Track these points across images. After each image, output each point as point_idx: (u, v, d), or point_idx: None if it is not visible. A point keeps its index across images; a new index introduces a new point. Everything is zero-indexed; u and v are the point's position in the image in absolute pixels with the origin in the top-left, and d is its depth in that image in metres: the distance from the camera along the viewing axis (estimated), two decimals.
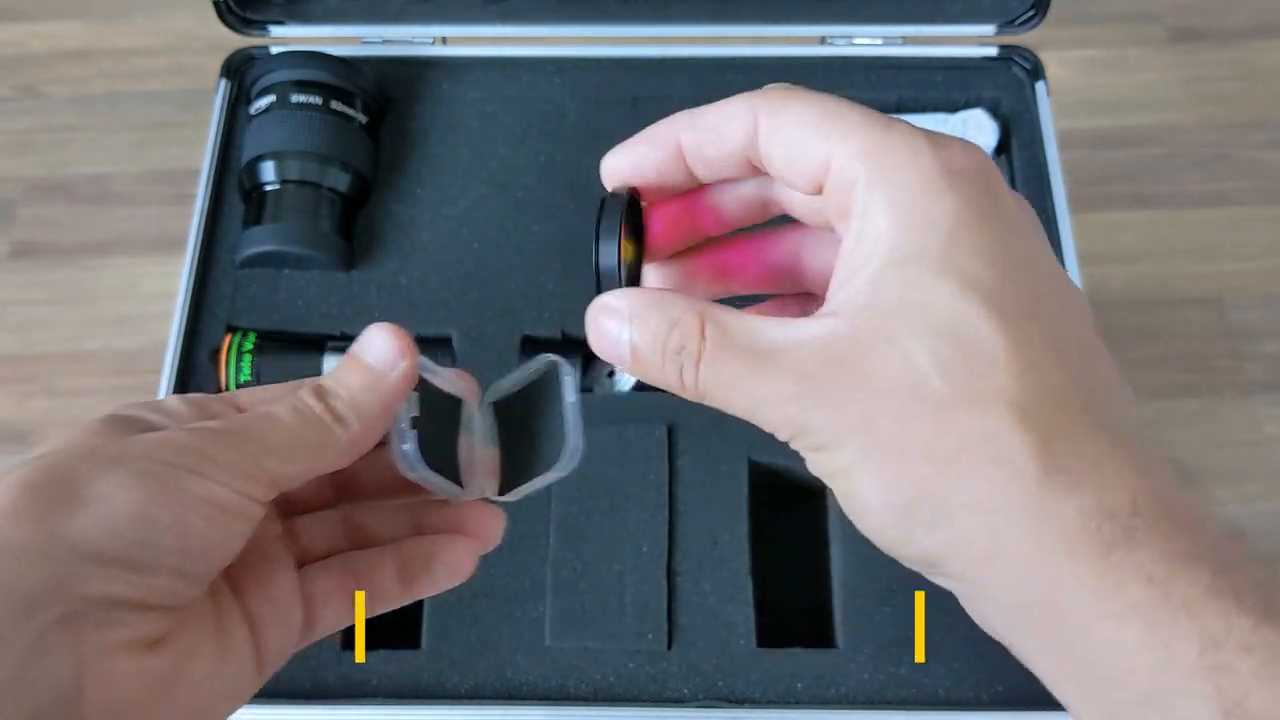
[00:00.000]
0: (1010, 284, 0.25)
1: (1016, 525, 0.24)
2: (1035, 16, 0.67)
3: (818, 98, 0.29)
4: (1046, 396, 0.24)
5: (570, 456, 0.34)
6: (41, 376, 1.02)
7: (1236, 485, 0.97)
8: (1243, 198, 1.10)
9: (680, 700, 0.53)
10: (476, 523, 0.35)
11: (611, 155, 0.31)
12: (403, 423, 0.32)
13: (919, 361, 0.25)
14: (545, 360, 0.35)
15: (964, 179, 0.26)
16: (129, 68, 1.18)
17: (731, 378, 0.28)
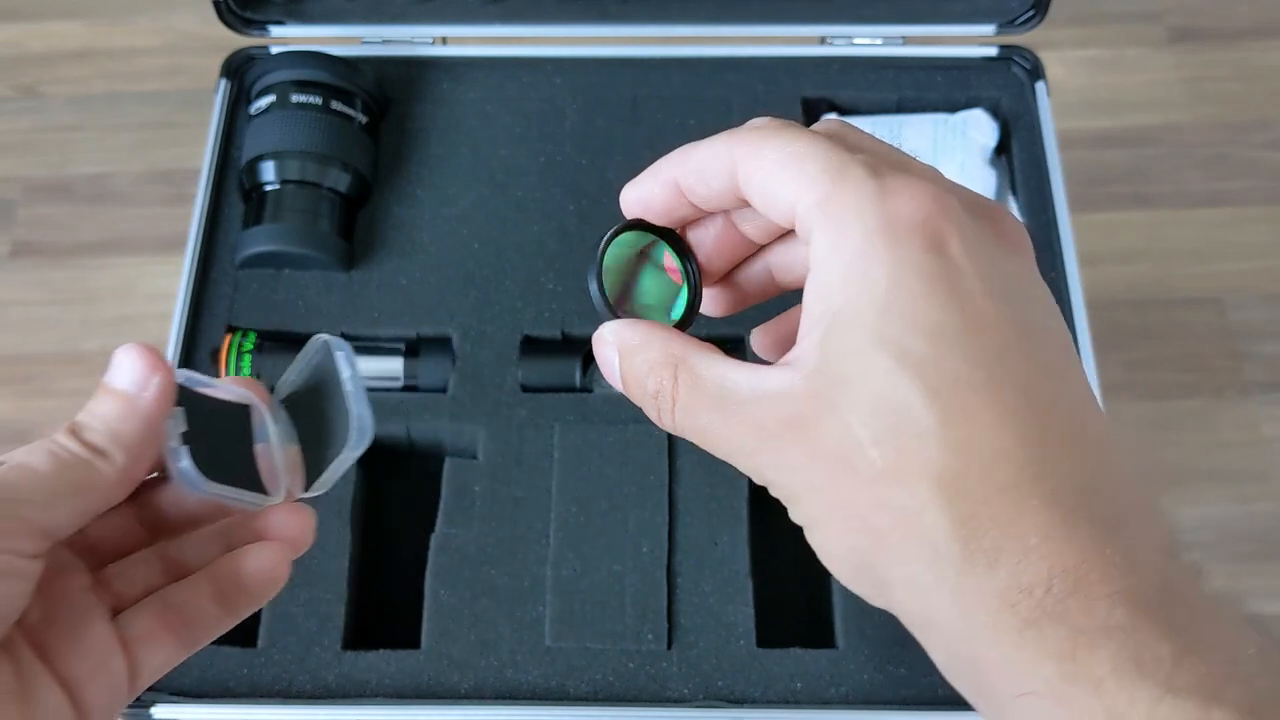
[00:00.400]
0: (945, 353, 0.25)
1: (943, 603, 0.24)
2: (1035, 16, 0.67)
3: (788, 139, 0.28)
4: (975, 472, 0.24)
5: (359, 433, 0.33)
6: (41, 376, 1.02)
7: (1235, 485, 0.97)
8: (1243, 198, 1.10)
9: (680, 700, 0.53)
10: (279, 525, 0.34)
11: (627, 189, 0.31)
12: (172, 441, 0.31)
13: (857, 433, 0.25)
14: (317, 342, 0.34)
15: (906, 234, 0.25)
16: (129, 68, 1.18)
17: (703, 426, 0.28)
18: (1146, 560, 0.24)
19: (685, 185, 0.30)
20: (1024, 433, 0.24)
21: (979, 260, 0.26)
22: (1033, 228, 0.64)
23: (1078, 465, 0.25)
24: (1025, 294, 0.27)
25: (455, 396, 0.60)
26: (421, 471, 0.60)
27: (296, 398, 0.35)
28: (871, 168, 0.27)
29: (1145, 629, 0.22)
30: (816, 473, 0.26)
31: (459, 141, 0.67)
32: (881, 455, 0.25)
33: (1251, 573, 0.94)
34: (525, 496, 0.57)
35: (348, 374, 0.33)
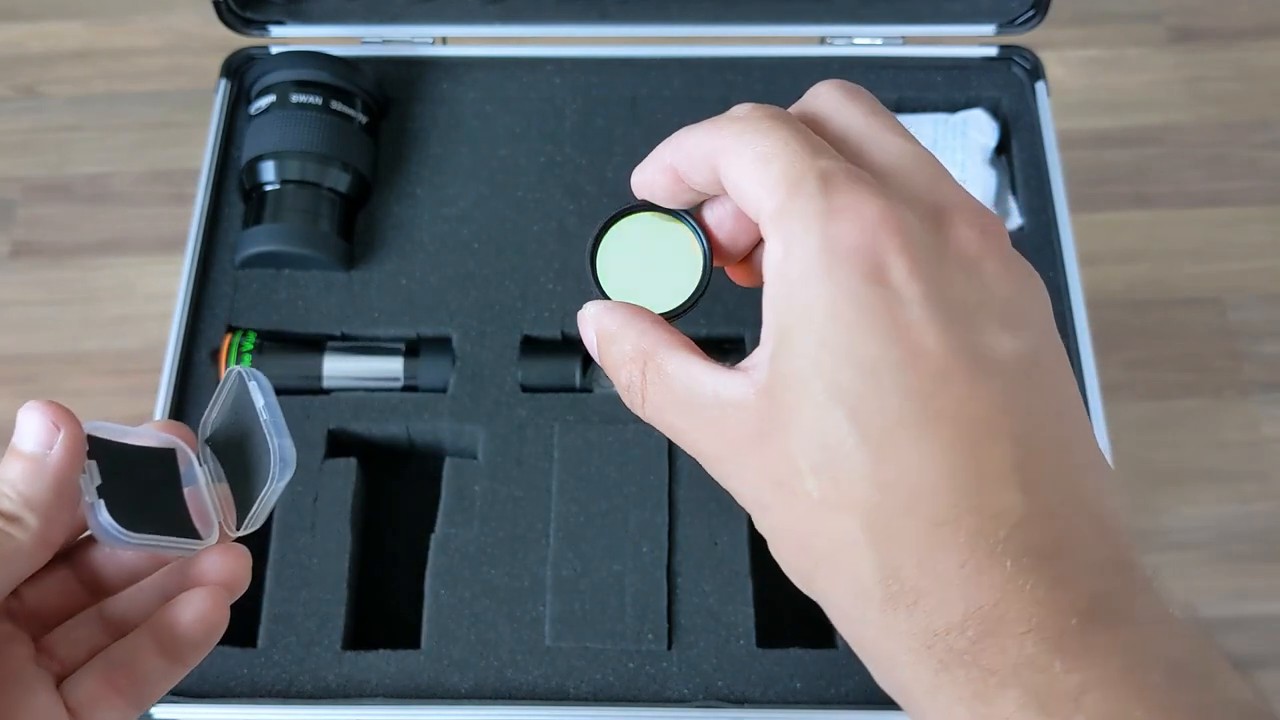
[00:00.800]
0: (880, 389, 0.24)
1: (870, 636, 0.25)
2: (1035, 16, 0.67)
3: (759, 137, 0.27)
4: (901, 511, 0.24)
5: (282, 464, 0.32)
6: (41, 376, 1.02)
7: (1235, 485, 0.97)
8: (1243, 198, 1.10)
9: (680, 700, 0.53)
10: (212, 569, 0.33)
11: (635, 173, 0.31)
12: (87, 496, 0.31)
13: (797, 460, 0.25)
14: (232, 374, 0.34)
15: (845, 260, 0.25)
16: (129, 68, 1.18)
17: (670, 424, 0.28)
18: (1077, 586, 0.23)
19: (680, 171, 0.30)
20: (954, 468, 0.24)
21: (925, 283, 0.25)
22: (1032, 228, 0.64)
23: (1013, 498, 0.24)
24: (977, 310, 0.25)
25: (455, 396, 0.60)
26: (421, 471, 0.60)
27: (220, 435, 0.35)
28: (824, 181, 0.26)
29: (1057, 663, 0.22)
30: (766, 491, 0.26)
31: (459, 141, 0.67)
32: (817, 486, 0.25)
33: (1251, 573, 0.94)
34: (525, 496, 0.57)
35: (261, 404, 0.33)
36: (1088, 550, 0.24)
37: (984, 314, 0.25)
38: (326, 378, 0.60)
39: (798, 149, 0.26)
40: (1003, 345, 0.25)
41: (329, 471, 0.58)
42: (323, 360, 0.60)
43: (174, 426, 0.35)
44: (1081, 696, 0.22)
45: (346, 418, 0.59)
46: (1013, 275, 0.26)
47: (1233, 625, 0.92)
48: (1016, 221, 0.66)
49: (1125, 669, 0.22)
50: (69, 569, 0.33)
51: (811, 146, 0.27)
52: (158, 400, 0.59)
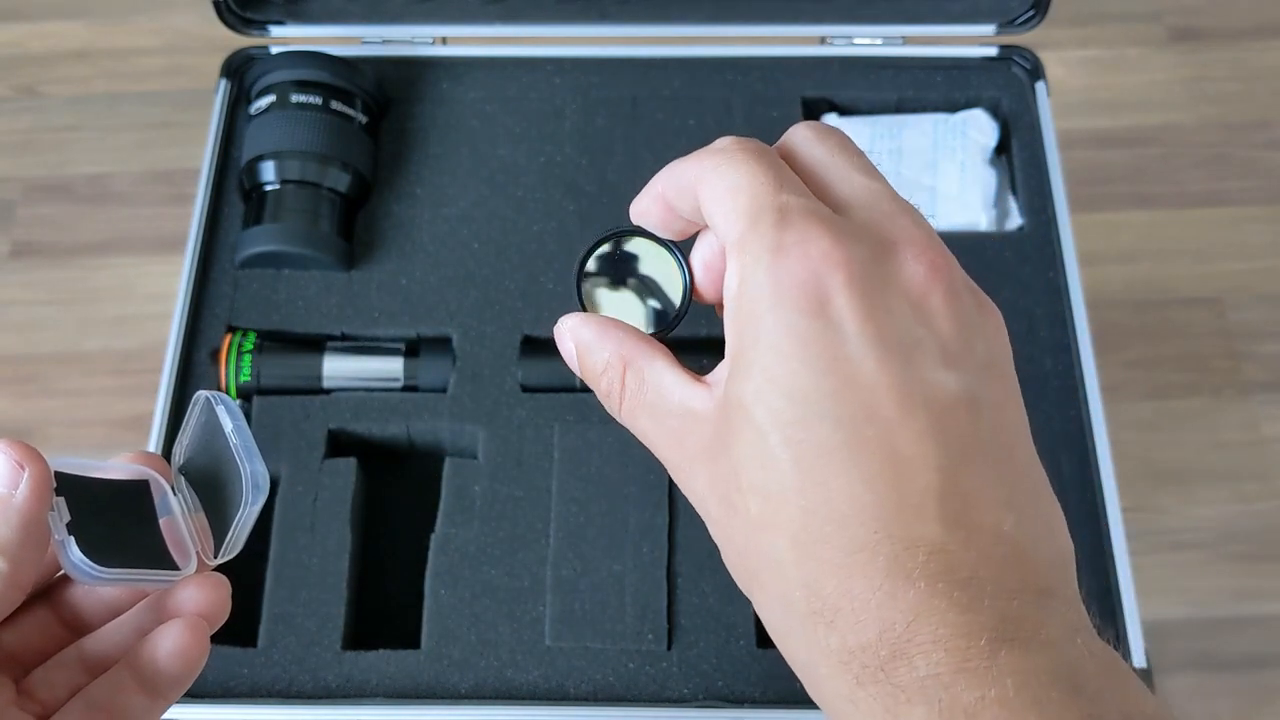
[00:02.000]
0: (812, 418, 0.25)
1: (797, 649, 0.26)
2: (1035, 16, 0.67)
3: (732, 169, 0.28)
4: (826, 534, 0.25)
5: (255, 489, 0.32)
6: (41, 376, 1.02)
7: (1234, 485, 0.97)
8: (1243, 198, 1.10)
9: (680, 700, 0.53)
10: (189, 600, 0.32)
11: (633, 203, 0.32)
12: (57, 534, 0.30)
13: (740, 479, 0.27)
14: (200, 399, 0.34)
15: (787, 295, 0.26)
16: (129, 68, 1.18)
17: (642, 429, 0.30)
18: (987, 610, 0.24)
19: (670, 201, 0.31)
20: (878, 496, 0.25)
21: (865, 315, 0.26)
22: (1032, 228, 0.64)
23: (931, 526, 0.25)
24: (911, 350, 0.26)
25: (455, 396, 0.60)
26: (421, 471, 0.60)
27: (193, 462, 0.35)
28: (780, 215, 0.27)
29: (960, 681, 0.23)
30: (716, 504, 0.28)
31: (459, 141, 0.67)
32: (755, 505, 0.26)
33: (1251, 573, 0.94)
34: (525, 496, 0.57)
35: (230, 427, 0.33)
36: (1002, 578, 0.25)
37: (923, 349, 0.26)
38: (326, 378, 0.60)
39: (764, 183, 0.28)
40: (938, 380, 0.26)
41: (329, 471, 0.58)
42: (323, 360, 0.60)
43: (146, 457, 0.34)
44: (979, 712, 0.23)
45: (346, 418, 0.59)
46: (959, 311, 0.27)
47: (1235, 625, 0.92)
48: (1016, 221, 0.66)
49: (1022, 686, 0.23)
50: (47, 608, 0.33)
51: (778, 181, 0.28)
52: (158, 400, 0.59)
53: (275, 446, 0.58)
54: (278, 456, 0.58)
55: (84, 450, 0.98)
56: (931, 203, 0.66)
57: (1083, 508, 0.57)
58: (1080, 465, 0.58)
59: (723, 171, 0.28)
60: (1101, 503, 0.57)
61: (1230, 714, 0.90)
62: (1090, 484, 0.58)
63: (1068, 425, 0.59)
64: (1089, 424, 0.59)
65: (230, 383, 0.59)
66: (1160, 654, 0.88)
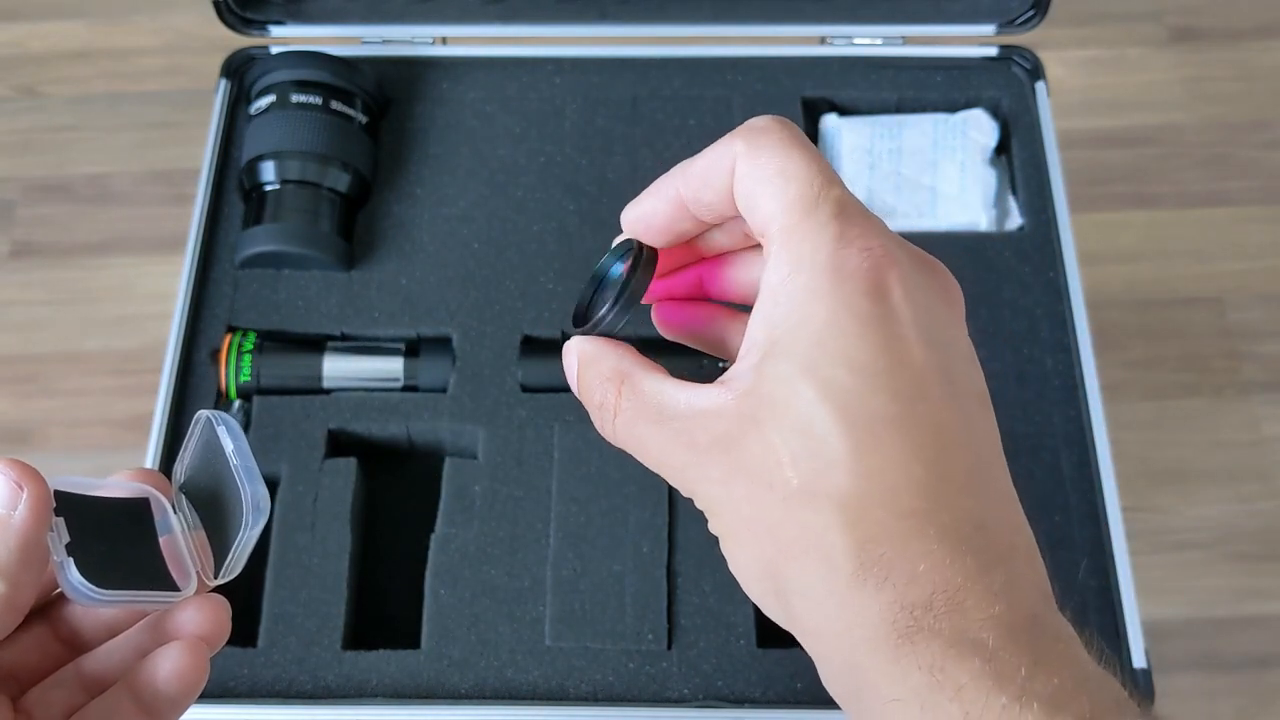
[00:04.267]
0: (869, 389, 0.27)
1: (832, 614, 0.27)
2: (1035, 16, 0.67)
3: (782, 151, 0.29)
4: (877, 499, 0.26)
5: (255, 511, 0.32)
6: (41, 376, 1.02)
7: (1235, 485, 0.97)
8: (1243, 198, 1.10)
9: (680, 700, 0.53)
10: (189, 621, 0.32)
11: (628, 209, 0.32)
12: (56, 555, 0.30)
13: (778, 453, 0.27)
14: (201, 418, 0.33)
15: (850, 280, 0.27)
16: (129, 68, 1.18)
17: (639, 438, 0.30)
18: (1021, 594, 0.26)
19: (688, 194, 0.31)
20: (928, 468, 0.26)
21: (916, 309, 0.28)
22: (1032, 228, 0.64)
23: (973, 503, 0.27)
24: (952, 344, 0.29)
25: (455, 396, 0.60)
26: (421, 471, 0.60)
27: (194, 481, 0.34)
28: (839, 209, 0.28)
29: (1009, 649, 0.25)
30: (737, 487, 0.28)
31: (459, 141, 0.67)
32: (797, 475, 0.27)
33: (1252, 573, 0.94)
34: (525, 496, 0.57)
35: (231, 448, 0.33)
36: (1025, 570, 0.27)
37: (955, 349, 0.29)
38: (326, 378, 0.60)
39: (817, 172, 0.28)
40: (969, 374, 0.29)
41: (329, 471, 0.58)
42: (323, 360, 0.60)
43: (147, 475, 0.34)
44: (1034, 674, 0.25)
45: (346, 418, 0.59)
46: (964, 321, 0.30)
47: (1237, 625, 0.92)
48: (1016, 221, 0.66)
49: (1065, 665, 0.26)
50: (46, 625, 0.32)
51: (828, 173, 0.29)
52: (158, 400, 0.59)
53: (275, 446, 0.58)
54: (278, 456, 0.58)
55: (84, 451, 0.98)
56: (931, 203, 0.66)
57: (1083, 508, 0.57)
58: (1080, 465, 0.58)
59: (772, 154, 0.29)
60: (1101, 503, 0.57)
61: (1232, 714, 0.90)
62: (1090, 484, 0.58)
63: (1068, 425, 0.59)
64: (1089, 424, 0.59)
65: (230, 383, 0.59)
66: (1161, 654, 0.88)
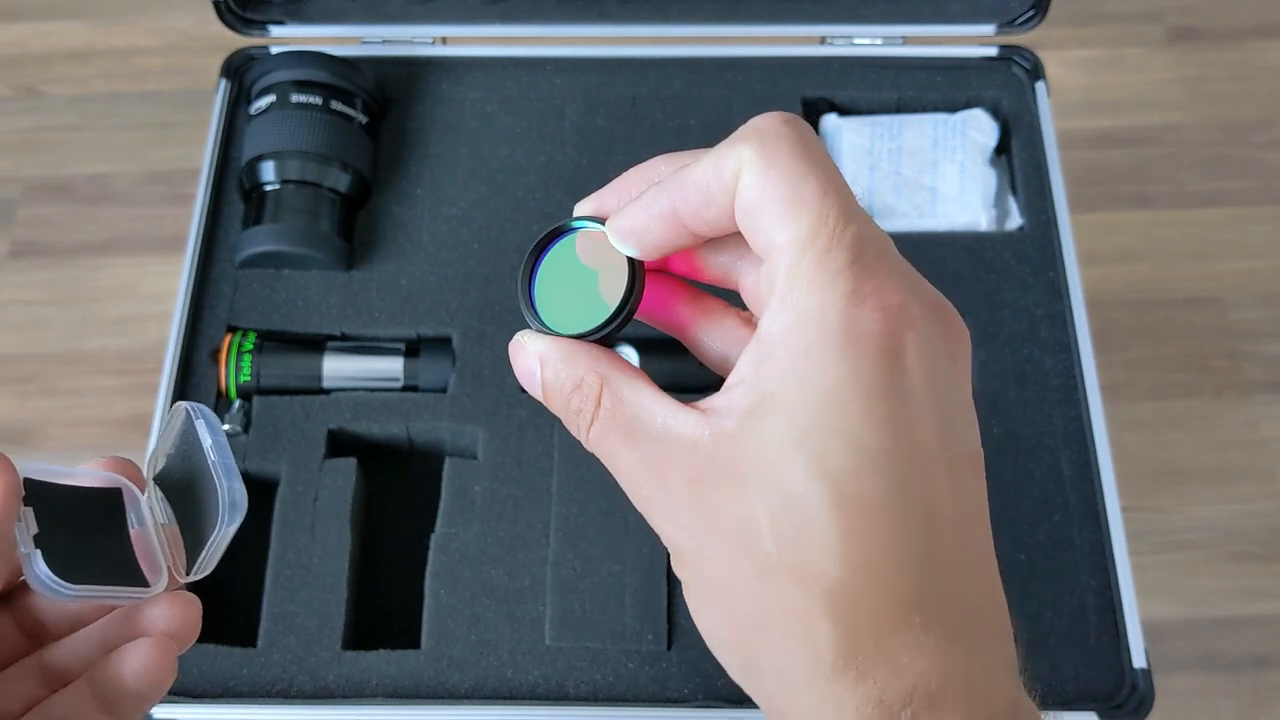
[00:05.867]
0: (866, 469, 0.25)
1: (806, 703, 0.25)
2: (1035, 16, 0.67)
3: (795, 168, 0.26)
4: (866, 586, 0.25)
5: (231, 508, 0.31)
6: (41, 376, 1.02)
7: (1235, 485, 0.97)
8: (1243, 198, 1.10)
9: (680, 700, 0.53)
10: (159, 618, 0.31)
11: (619, 220, 0.29)
12: (23, 546, 0.29)
13: (759, 520, 0.25)
14: (179, 410, 0.32)
15: (860, 345, 0.25)
16: (129, 68, 1.18)
17: (611, 451, 0.28)
18: (1002, 681, 0.25)
19: (687, 211, 0.27)
20: (920, 555, 0.25)
21: (926, 374, 0.26)
22: (1032, 228, 0.64)
23: (961, 586, 0.25)
24: (957, 408, 0.27)
25: (455, 396, 0.60)
26: (421, 471, 0.60)
27: (169, 473, 0.33)
28: (855, 254, 0.25)
29: None
30: (707, 541, 0.26)
31: (459, 141, 0.67)
32: (778, 550, 0.25)
33: (1252, 573, 0.94)
34: (525, 496, 0.57)
35: (209, 443, 0.31)
36: (1004, 647, 0.26)
37: (959, 412, 0.27)
38: (326, 378, 0.60)
39: (832, 203, 0.26)
40: (965, 439, 0.27)
41: (329, 471, 0.58)
42: (323, 360, 0.60)
43: (120, 464, 0.33)
44: None
45: (346, 418, 0.59)
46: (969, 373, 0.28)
47: (1238, 625, 0.92)
48: (1016, 221, 0.66)
49: None
50: (7, 614, 0.32)
51: (844, 204, 0.26)
52: (157, 400, 0.59)
53: (275, 446, 0.58)
54: (278, 456, 0.58)
55: (84, 451, 0.98)
56: (931, 203, 0.66)
57: (1082, 508, 0.57)
58: (1080, 465, 0.58)
59: (784, 172, 0.26)
60: (1101, 503, 0.57)
61: (1232, 714, 0.90)
62: (1090, 484, 0.58)
63: (1068, 425, 0.59)
64: (1089, 424, 0.59)
65: (230, 383, 0.59)
66: (1161, 654, 0.88)
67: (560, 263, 0.31)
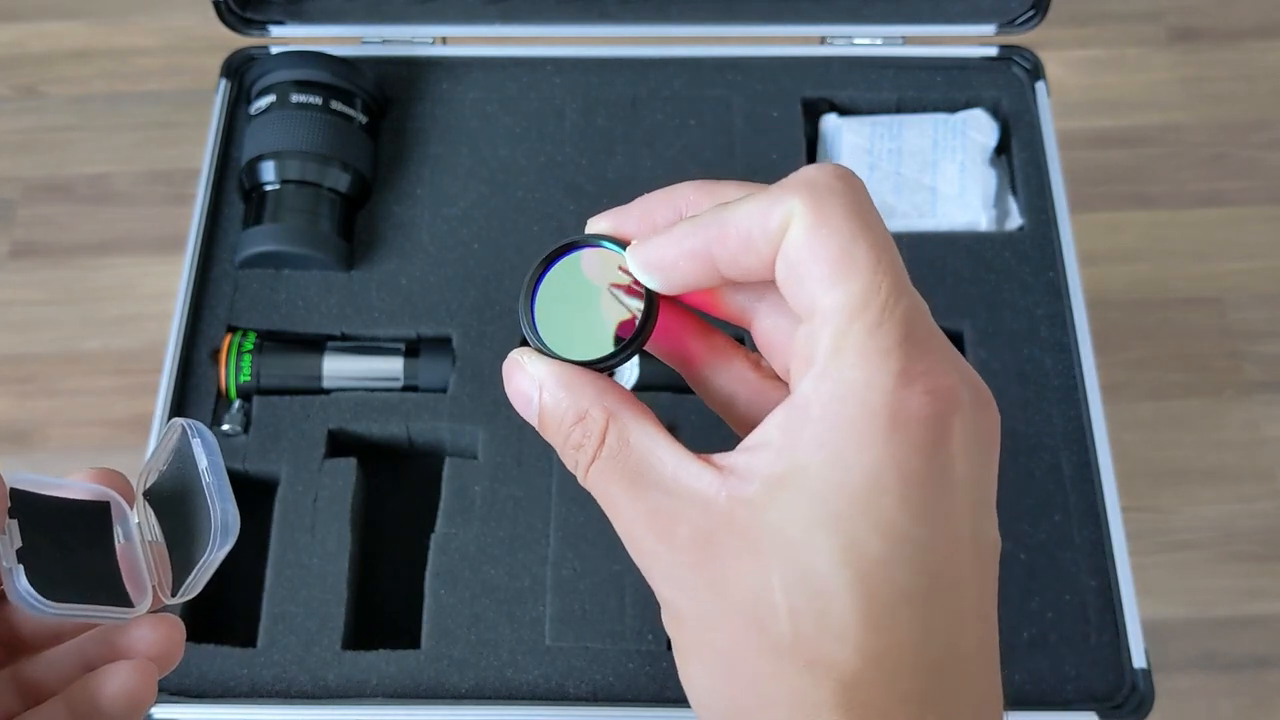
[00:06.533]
0: (897, 561, 0.24)
1: None
2: (1035, 16, 0.67)
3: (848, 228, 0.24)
4: (882, 680, 0.24)
5: (223, 531, 0.30)
6: (41, 376, 1.02)
7: (1235, 485, 0.97)
8: (1243, 198, 1.10)
9: (680, 700, 0.53)
10: (141, 641, 0.30)
11: (642, 249, 0.27)
12: (5, 560, 0.28)
13: (775, 596, 0.24)
14: (175, 426, 0.31)
15: (905, 430, 0.24)
16: (129, 68, 1.18)
17: (612, 496, 0.26)
18: None
19: (723, 256, 0.26)
20: (938, 650, 0.24)
21: (968, 464, 0.25)
22: (1032, 228, 0.64)
23: (972, 682, 0.25)
24: (987, 497, 0.26)
25: (455, 396, 0.60)
26: (421, 471, 0.60)
27: (160, 488, 0.32)
28: (906, 330, 0.24)
29: None
30: (715, 610, 0.25)
31: (459, 141, 0.67)
32: (793, 632, 0.24)
33: (1253, 572, 0.94)
34: (525, 496, 0.57)
35: (204, 464, 0.30)
36: None
37: (988, 498, 0.26)
38: (326, 378, 0.60)
39: (885, 272, 0.24)
40: (991, 534, 0.26)
41: (329, 471, 0.58)
42: (323, 360, 0.60)
43: (109, 476, 0.32)
44: None
45: (346, 418, 0.59)
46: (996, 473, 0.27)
47: (1239, 624, 0.92)
48: (1016, 221, 0.66)
49: None
50: None
51: (897, 275, 0.25)
52: (157, 400, 0.59)
53: (275, 446, 0.58)
54: (278, 457, 0.58)
55: (84, 451, 0.98)
56: (931, 203, 0.66)
57: (1082, 508, 0.57)
58: (1080, 465, 0.58)
59: (836, 231, 0.24)
60: (1101, 503, 0.57)
61: (1232, 714, 0.90)
62: (1090, 484, 0.58)
63: (1068, 425, 0.59)
64: (1089, 424, 0.59)
65: (230, 383, 0.59)
66: (1162, 654, 0.88)
67: (565, 280, 0.29)
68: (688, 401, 0.59)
